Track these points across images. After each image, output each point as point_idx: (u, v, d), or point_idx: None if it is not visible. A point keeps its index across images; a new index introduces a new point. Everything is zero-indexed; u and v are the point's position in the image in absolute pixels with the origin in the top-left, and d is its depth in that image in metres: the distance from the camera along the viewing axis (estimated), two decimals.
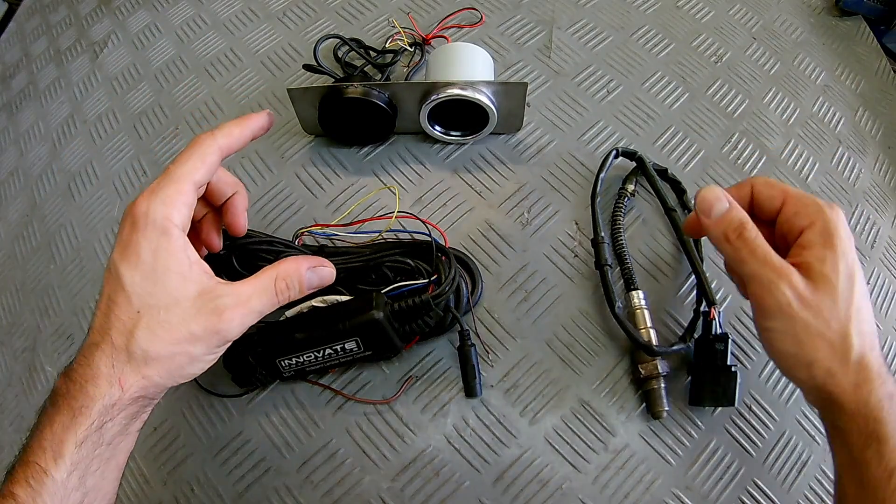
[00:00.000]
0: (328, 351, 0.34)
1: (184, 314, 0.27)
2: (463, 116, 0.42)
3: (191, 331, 0.27)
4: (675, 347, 0.37)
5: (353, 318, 0.33)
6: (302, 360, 0.34)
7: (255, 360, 0.34)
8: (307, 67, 0.47)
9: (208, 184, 0.31)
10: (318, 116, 0.42)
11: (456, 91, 0.39)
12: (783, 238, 0.30)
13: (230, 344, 0.29)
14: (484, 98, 0.39)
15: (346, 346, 0.34)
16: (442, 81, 0.40)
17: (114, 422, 0.26)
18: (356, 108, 0.40)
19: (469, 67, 0.42)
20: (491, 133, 0.43)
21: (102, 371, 0.26)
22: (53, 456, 0.25)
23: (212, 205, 0.33)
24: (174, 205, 0.27)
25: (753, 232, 0.28)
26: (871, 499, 0.26)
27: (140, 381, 0.26)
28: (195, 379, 0.37)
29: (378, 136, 0.44)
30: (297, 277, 0.30)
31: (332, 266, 0.32)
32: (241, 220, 0.33)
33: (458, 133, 0.44)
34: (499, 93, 0.40)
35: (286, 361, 0.34)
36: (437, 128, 0.43)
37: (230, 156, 0.30)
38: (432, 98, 0.40)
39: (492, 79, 0.44)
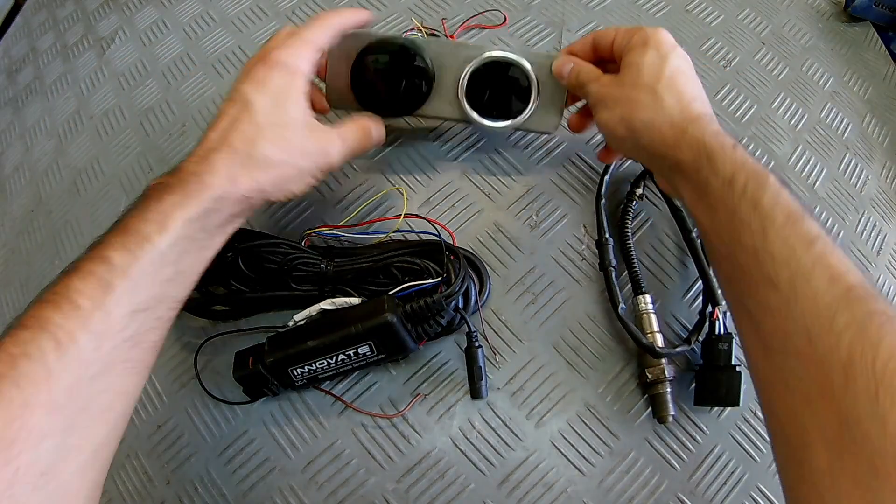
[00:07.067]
0: (341, 356, 0.34)
1: (301, 133, 0.31)
2: (498, 103, 0.40)
3: (305, 146, 0.32)
4: (678, 349, 0.37)
5: (366, 322, 0.32)
6: (315, 367, 0.34)
7: (266, 370, 0.34)
8: None
9: None
10: (350, 72, 0.38)
11: (501, 53, 0.38)
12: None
13: (327, 174, 0.34)
14: (528, 65, 0.38)
15: (360, 350, 0.33)
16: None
17: (219, 214, 0.29)
18: (396, 63, 0.38)
19: None
20: (525, 129, 0.41)
21: (220, 168, 0.29)
22: (159, 228, 0.26)
23: None
24: (304, 57, 0.32)
25: (585, 68, 0.36)
26: (721, 214, 0.27)
27: (251, 183, 0.29)
28: (202, 384, 0.37)
29: (409, 106, 0.40)
30: (371, 129, 0.36)
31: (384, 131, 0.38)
32: None
33: (491, 119, 0.40)
34: (542, 68, 0.38)
35: (298, 370, 0.34)
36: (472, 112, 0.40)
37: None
38: (475, 61, 0.38)
39: None
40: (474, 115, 0.39)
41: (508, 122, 0.40)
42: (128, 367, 0.25)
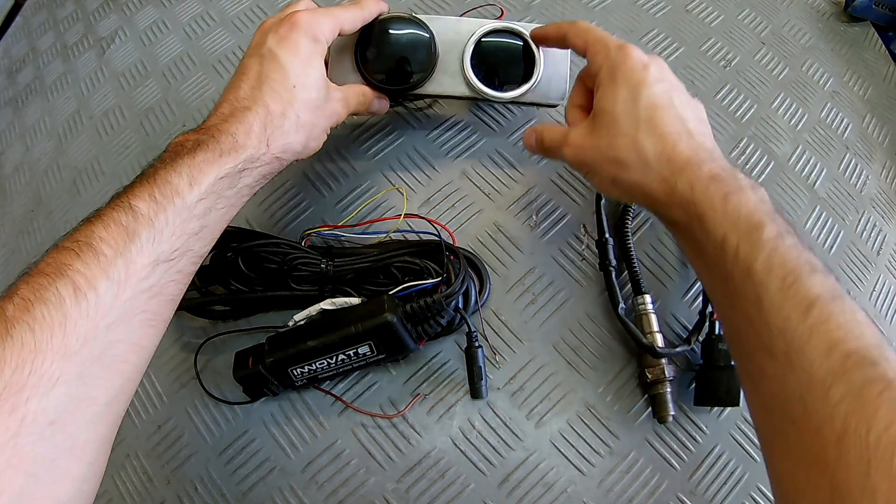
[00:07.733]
0: (341, 356, 0.34)
1: (324, 95, 0.34)
2: (502, 75, 0.39)
3: (327, 108, 0.34)
4: (678, 349, 0.37)
5: (366, 322, 0.32)
6: (315, 367, 0.34)
7: (266, 370, 0.34)
8: None
9: None
10: (354, 48, 0.38)
11: (504, 23, 0.38)
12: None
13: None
14: (529, 38, 0.38)
15: (360, 350, 0.34)
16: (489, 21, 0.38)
17: (249, 173, 0.30)
18: (399, 38, 0.38)
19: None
20: (531, 102, 0.40)
21: (255, 129, 0.30)
22: (190, 181, 0.27)
23: None
24: (329, 28, 0.34)
25: (548, 134, 0.34)
26: (717, 277, 0.27)
27: (283, 144, 0.31)
28: (202, 384, 0.37)
29: (413, 82, 0.39)
30: (371, 95, 0.38)
31: (388, 102, 0.40)
32: None
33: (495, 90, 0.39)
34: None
35: (298, 370, 0.34)
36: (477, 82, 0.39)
37: None
38: (479, 30, 0.38)
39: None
40: (479, 84, 0.38)
41: (513, 93, 0.39)
42: (145, 319, 0.25)
